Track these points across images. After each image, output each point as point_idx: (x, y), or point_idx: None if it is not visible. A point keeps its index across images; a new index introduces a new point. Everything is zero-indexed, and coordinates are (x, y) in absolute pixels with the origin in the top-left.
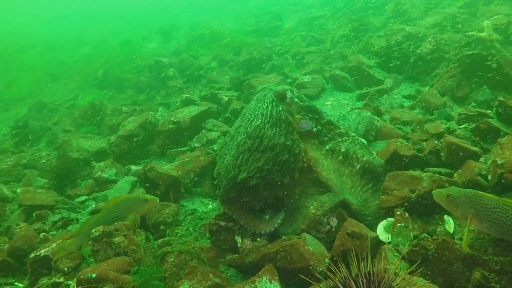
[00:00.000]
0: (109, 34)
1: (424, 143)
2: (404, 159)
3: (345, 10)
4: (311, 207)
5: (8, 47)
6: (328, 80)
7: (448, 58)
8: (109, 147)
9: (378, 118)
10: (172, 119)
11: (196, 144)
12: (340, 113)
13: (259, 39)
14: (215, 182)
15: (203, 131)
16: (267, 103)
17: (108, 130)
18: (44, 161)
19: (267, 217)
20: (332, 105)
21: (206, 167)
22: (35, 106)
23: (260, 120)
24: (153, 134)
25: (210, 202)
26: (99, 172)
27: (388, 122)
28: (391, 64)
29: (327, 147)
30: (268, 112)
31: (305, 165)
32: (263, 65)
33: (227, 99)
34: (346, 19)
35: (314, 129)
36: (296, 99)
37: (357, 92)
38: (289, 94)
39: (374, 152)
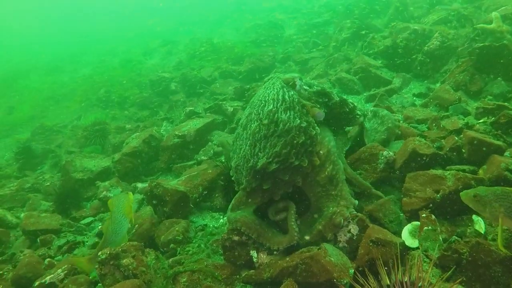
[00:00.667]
0: (109, 54)
1: (443, 140)
2: (424, 158)
3: (345, 14)
4: (331, 207)
5: (10, 72)
6: (335, 84)
7: (457, 53)
8: (113, 165)
9: (398, 117)
10: (176, 133)
11: (203, 157)
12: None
13: (260, 48)
14: (233, 178)
15: (209, 143)
16: (277, 89)
17: (112, 148)
18: (48, 184)
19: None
20: None
21: (215, 180)
22: (37, 129)
23: (272, 105)
24: (158, 150)
25: (221, 216)
26: (104, 192)
27: (401, 121)
28: (398, 63)
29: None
30: (280, 96)
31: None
32: (266, 74)
33: (232, 110)
34: (347, 23)
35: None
36: (305, 86)
37: (365, 94)
38: (298, 82)
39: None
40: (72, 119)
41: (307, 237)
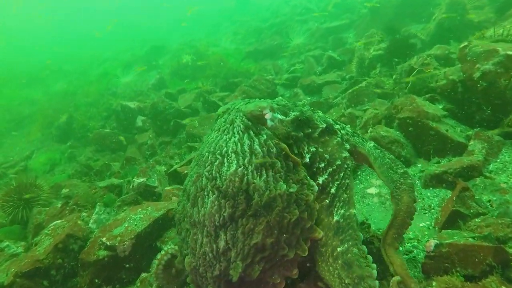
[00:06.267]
0: (93, 61)
1: None
2: None
3: (370, 18)
4: None
5: None
6: None
7: None
8: None
9: None
10: (104, 239)
11: None
12: None
13: (259, 62)
14: (188, 280)
15: (162, 252)
16: (238, 133)
17: (33, 231)
18: None
19: None
20: (380, 196)
21: None
22: None
23: (235, 163)
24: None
25: None
26: None
27: None
28: (476, 112)
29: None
30: (246, 147)
31: None
32: None
33: None
34: (377, 33)
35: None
36: (279, 116)
37: (419, 165)
38: (269, 115)
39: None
40: (25, 155)
41: None
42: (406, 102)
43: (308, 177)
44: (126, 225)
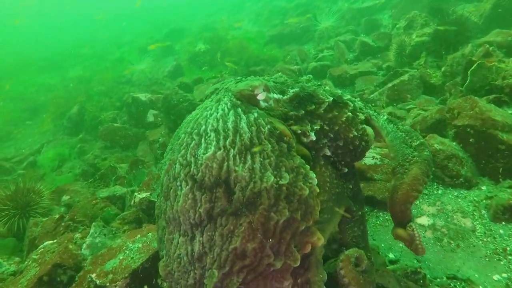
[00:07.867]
0: (111, 44)
1: None
2: None
3: None
4: None
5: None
6: None
7: None
8: None
9: None
10: (94, 276)
11: None
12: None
13: (284, 47)
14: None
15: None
16: (224, 108)
17: (28, 245)
18: None
19: None
20: (435, 230)
21: None
22: None
23: (214, 145)
24: None
25: None
26: None
27: None
28: None
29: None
30: (230, 124)
31: None
32: None
33: None
34: (419, 13)
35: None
36: (275, 95)
37: (484, 189)
38: (262, 95)
39: None
40: (35, 148)
41: None
42: (465, 105)
43: (307, 166)
44: (121, 258)
